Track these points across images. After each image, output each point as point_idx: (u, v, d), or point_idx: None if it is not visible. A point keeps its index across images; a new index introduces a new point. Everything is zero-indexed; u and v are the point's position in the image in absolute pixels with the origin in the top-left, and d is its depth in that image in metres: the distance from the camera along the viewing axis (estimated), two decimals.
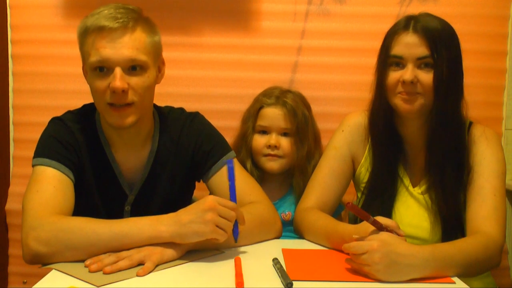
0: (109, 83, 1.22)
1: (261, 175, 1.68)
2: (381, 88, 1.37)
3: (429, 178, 1.36)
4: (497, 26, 1.91)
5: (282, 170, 1.66)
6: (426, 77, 1.29)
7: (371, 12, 1.91)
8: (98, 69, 1.22)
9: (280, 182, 1.70)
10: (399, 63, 1.32)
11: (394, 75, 1.32)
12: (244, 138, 1.68)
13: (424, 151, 1.38)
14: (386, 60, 1.34)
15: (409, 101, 1.31)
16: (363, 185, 1.45)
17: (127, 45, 1.21)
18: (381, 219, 1.14)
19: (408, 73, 1.29)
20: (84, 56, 1.26)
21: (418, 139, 1.39)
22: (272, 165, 1.64)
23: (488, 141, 1.35)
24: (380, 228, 1.13)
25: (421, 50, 1.29)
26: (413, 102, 1.31)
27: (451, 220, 1.33)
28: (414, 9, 1.88)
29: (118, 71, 1.21)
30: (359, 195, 1.48)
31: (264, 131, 1.65)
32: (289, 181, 1.69)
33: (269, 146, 1.63)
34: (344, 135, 1.47)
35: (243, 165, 1.60)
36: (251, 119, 1.67)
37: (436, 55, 1.28)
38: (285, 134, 1.65)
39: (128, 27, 1.22)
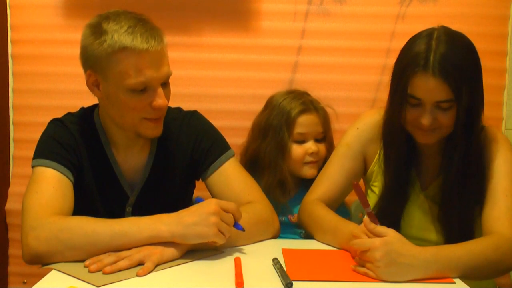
0: (150, 101, 1.23)
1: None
2: (395, 111, 1.30)
3: (441, 182, 1.34)
4: (497, 26, 1.91)
5: None
6: (446, 117, 1.24)
7: (371, 12, 1.91)
8: (139, 89, 1.21)
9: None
10: (417, 103, 1.24)
11: (411, 113, 1.26)
12: (279, 149, 1.61)
13: (438, 155, 1.36)
14: (403, 94, 1.25)
15: (427, 135, 1.29)
16: (375, 183, 1.43)
17: (165, 63, 1.24)
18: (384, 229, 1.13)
19: (426, 117, 1.23)
20: (117, 75, 1.20)
21: (434, 144, 1.35)
22: (313, 172, 1.62)
23: (499, 144, 1.34)
24: (374, 222, 1.13)
25: (442, 94, 1.21)
26: (431, 135, 1.28)
27: (456, 224, 1.31)
28: (414, 9, 1.90)
29: (161, 89, 1.23)
30: (368, 192, 1.47)
31: (301, 140, 1.63)
32: (298, 183, 1.67)
33: (311, 153, 1.61)
34: (358, 132, 1.44)
35: (285, 179, 1.60)
36: (284, 128, 1.61)
37: (457, 97, 1.21)
38: (319, 140, 1.64)
39: (162, 44, 1.22)
